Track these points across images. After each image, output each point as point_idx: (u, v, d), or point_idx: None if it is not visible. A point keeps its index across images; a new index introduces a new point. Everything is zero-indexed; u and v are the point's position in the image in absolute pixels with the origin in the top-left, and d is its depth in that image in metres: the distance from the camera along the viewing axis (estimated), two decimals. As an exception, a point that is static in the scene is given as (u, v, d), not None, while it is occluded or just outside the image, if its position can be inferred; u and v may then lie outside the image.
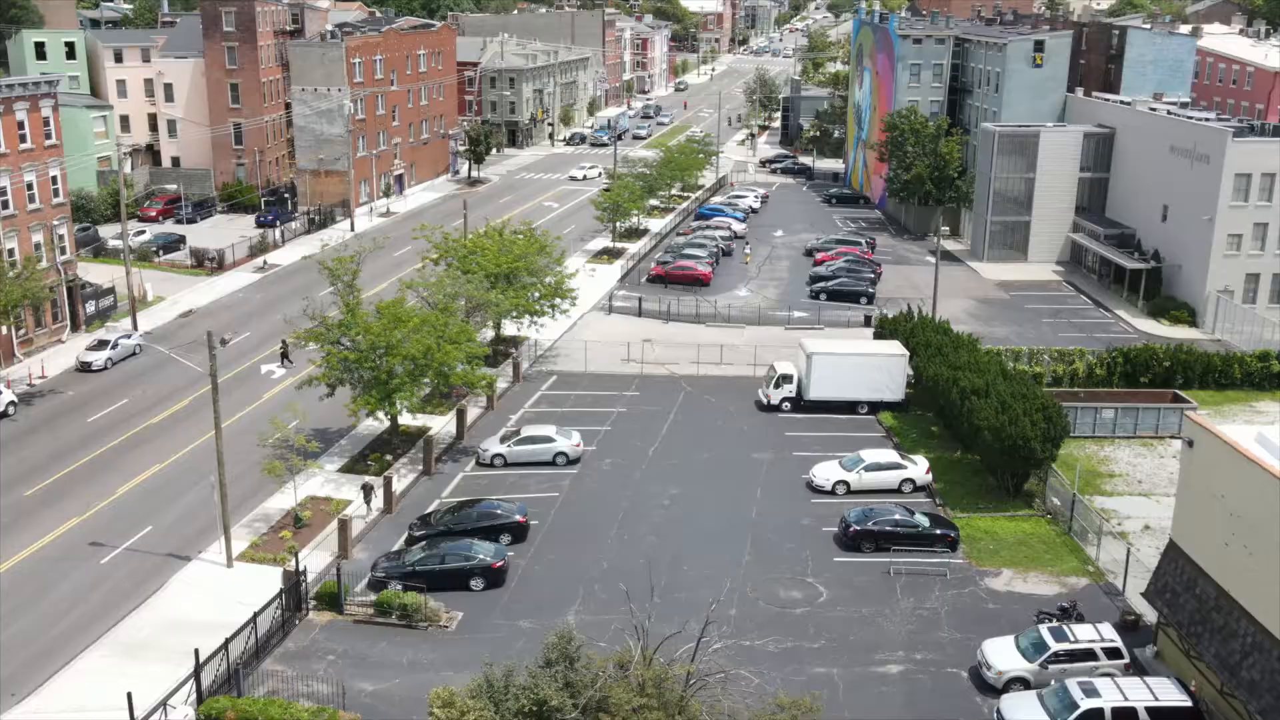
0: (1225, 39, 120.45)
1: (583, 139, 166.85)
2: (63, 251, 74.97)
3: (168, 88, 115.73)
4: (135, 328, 76.00)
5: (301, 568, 44.21)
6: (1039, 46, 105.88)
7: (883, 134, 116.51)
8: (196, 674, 37.54)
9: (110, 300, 79.28)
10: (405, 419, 59.94)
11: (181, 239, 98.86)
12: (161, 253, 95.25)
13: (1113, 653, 39.21)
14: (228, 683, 38.91)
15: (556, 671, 29.12)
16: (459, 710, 27.99)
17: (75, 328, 75.95)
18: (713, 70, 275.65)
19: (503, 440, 57.71)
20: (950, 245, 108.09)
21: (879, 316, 73.35)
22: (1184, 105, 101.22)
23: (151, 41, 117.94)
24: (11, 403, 63.00)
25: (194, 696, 37.38)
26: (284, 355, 70.68)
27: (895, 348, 64.98)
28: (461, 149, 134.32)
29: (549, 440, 57.19)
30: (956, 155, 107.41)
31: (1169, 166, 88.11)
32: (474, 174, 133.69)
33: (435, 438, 59.63)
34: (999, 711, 37.01)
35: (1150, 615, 42.90)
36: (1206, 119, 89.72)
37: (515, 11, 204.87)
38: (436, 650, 41.97)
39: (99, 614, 44.17)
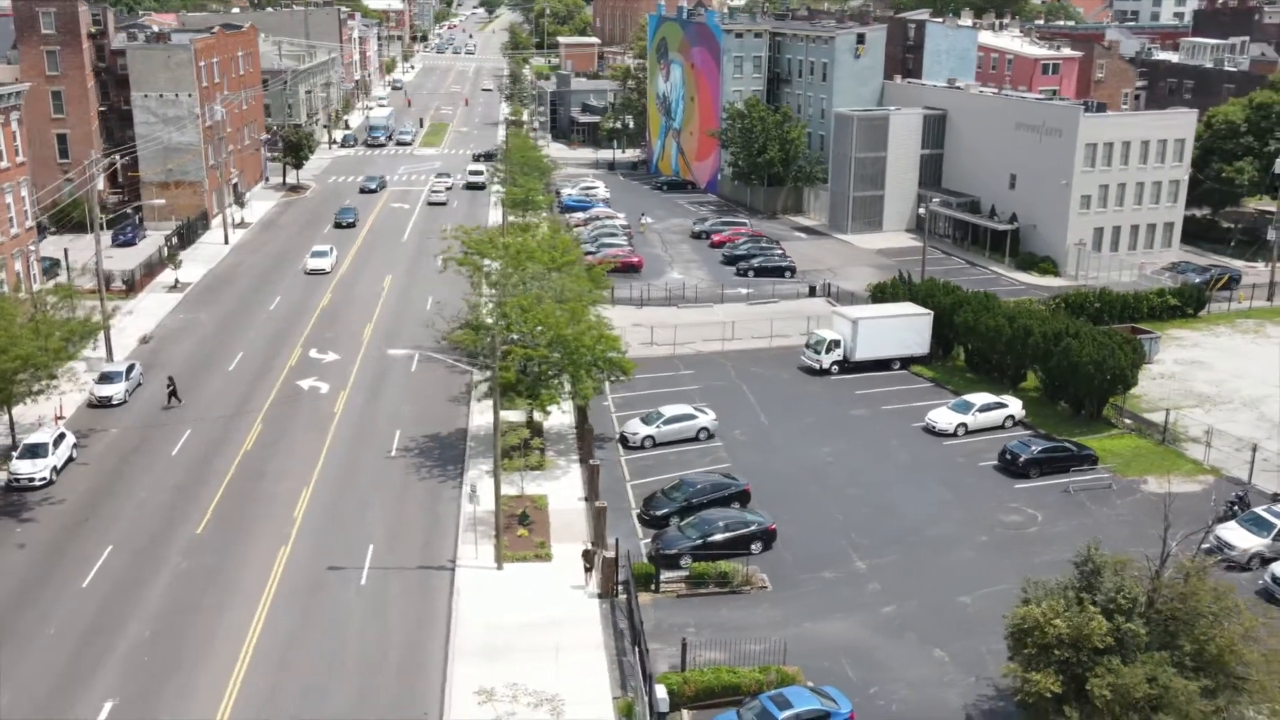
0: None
1: (355, 140, 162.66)
2: (35, 280, 67.54)
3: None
4: (110, 357, 69.76)
5: (624, 553, 45.34)
6: (860, 39, 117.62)
7: (712, 121, 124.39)
8: (644, 657, 38.70)
9: (66, 331, 71.80)
10: (508, 414, 59.68)
11: (57, 261, 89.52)
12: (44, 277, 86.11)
13: (1316, 521, 48.95)
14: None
15: (1120, 577, 34.00)
16: (1086, 615, 32.18)
17: (45, 363, 68.43)
18: (413, 68, 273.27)
19: (645, 422, 59.81)
20: (806, 221, 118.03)
21: (873, 285, 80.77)
22: (981, 88, 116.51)
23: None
24: (74, 446, 57.12)
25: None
26: (172, 393, 64.18)
27: (918, 309, 72.70)
28: (277, 154, 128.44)
29: (691, 417, 60.04)
30: (802, 140, 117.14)
31: (1016, 141, 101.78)
32: (292, 180, 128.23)
33: (552, 430, 60.70)
34: (1274, 577, 45.47)
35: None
36: (1049, 99, 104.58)
37: (236, 9, 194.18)
38: (779, 607, 44.80)
39: (416, 631, 43.19)
